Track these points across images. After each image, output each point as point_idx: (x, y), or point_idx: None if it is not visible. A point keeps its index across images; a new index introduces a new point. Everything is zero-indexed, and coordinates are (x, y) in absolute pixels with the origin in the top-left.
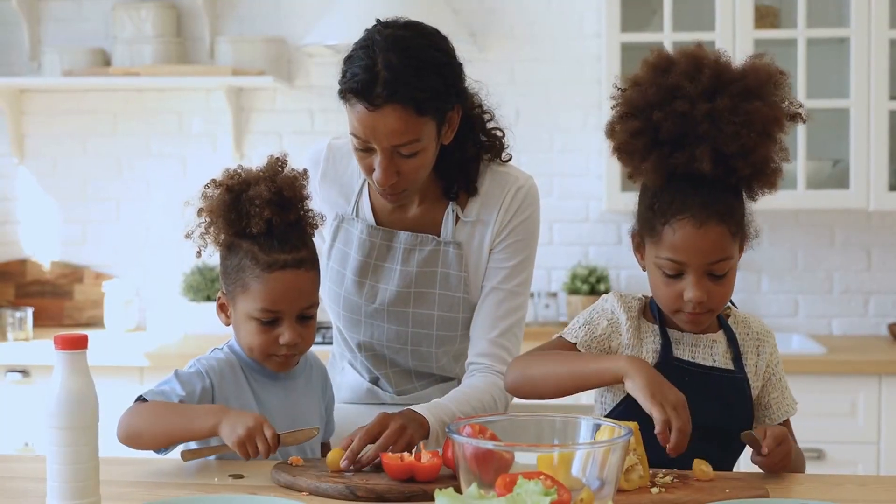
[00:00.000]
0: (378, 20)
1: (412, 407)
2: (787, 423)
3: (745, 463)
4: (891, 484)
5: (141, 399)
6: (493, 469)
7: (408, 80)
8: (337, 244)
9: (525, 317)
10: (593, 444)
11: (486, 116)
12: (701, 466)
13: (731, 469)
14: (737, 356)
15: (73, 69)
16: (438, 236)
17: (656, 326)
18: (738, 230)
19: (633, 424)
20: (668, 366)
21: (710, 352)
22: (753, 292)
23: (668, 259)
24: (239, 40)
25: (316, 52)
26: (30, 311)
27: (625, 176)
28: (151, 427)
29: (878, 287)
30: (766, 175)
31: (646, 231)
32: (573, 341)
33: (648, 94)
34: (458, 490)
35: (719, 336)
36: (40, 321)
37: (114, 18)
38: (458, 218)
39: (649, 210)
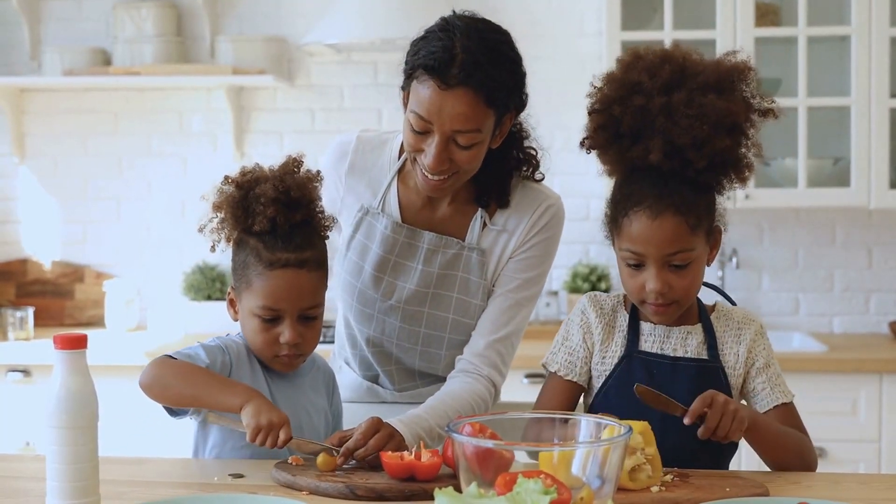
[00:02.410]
0: (454, 10)
1: (389, 420)
2: (785, 411)
3: (746, 461)
4: (892, 482)
5: (168, 357)
6: (493, 468)
7: (484, 66)
8: (358, 236)
9: (524, 331)
10: (593, 442)
11: (524, 135)
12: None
13: (725, 467)
14: (712, 345)
15: (74, 68)
16: (463, 240)
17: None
18: (698, 223)
19: (644, 424)
20: (632, 359)
21: (682, 343)
22: (754, 290)
23: (628, 250)
24: (239, 39)
25: (316, 51)
26: (31, 311)
27: None
28: (182, 383)
29: (879, 285)
30: (726, 168)
31: (611, 223)
32: (553, 370)
33: (611, 90)
34: (458, 489)
35: (696, 328)
36: (41, 321)
37: (114, 18)
38: (484, 224)
39: (612, 203)
